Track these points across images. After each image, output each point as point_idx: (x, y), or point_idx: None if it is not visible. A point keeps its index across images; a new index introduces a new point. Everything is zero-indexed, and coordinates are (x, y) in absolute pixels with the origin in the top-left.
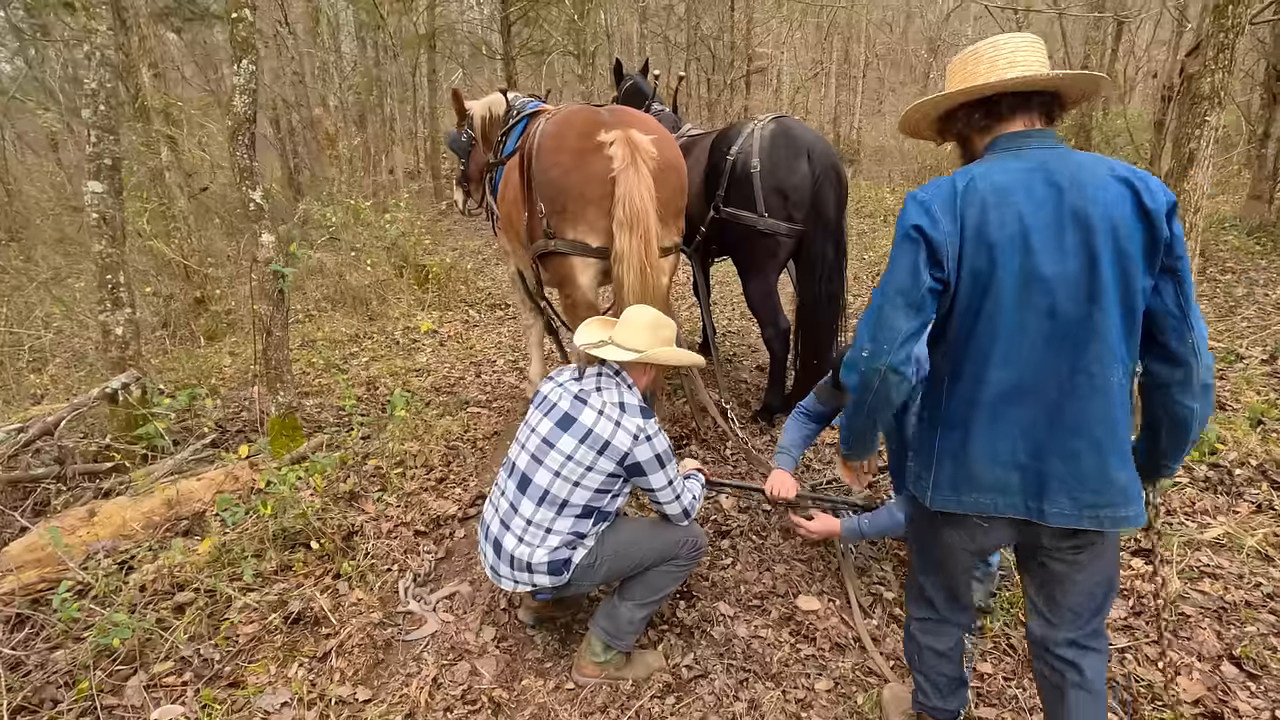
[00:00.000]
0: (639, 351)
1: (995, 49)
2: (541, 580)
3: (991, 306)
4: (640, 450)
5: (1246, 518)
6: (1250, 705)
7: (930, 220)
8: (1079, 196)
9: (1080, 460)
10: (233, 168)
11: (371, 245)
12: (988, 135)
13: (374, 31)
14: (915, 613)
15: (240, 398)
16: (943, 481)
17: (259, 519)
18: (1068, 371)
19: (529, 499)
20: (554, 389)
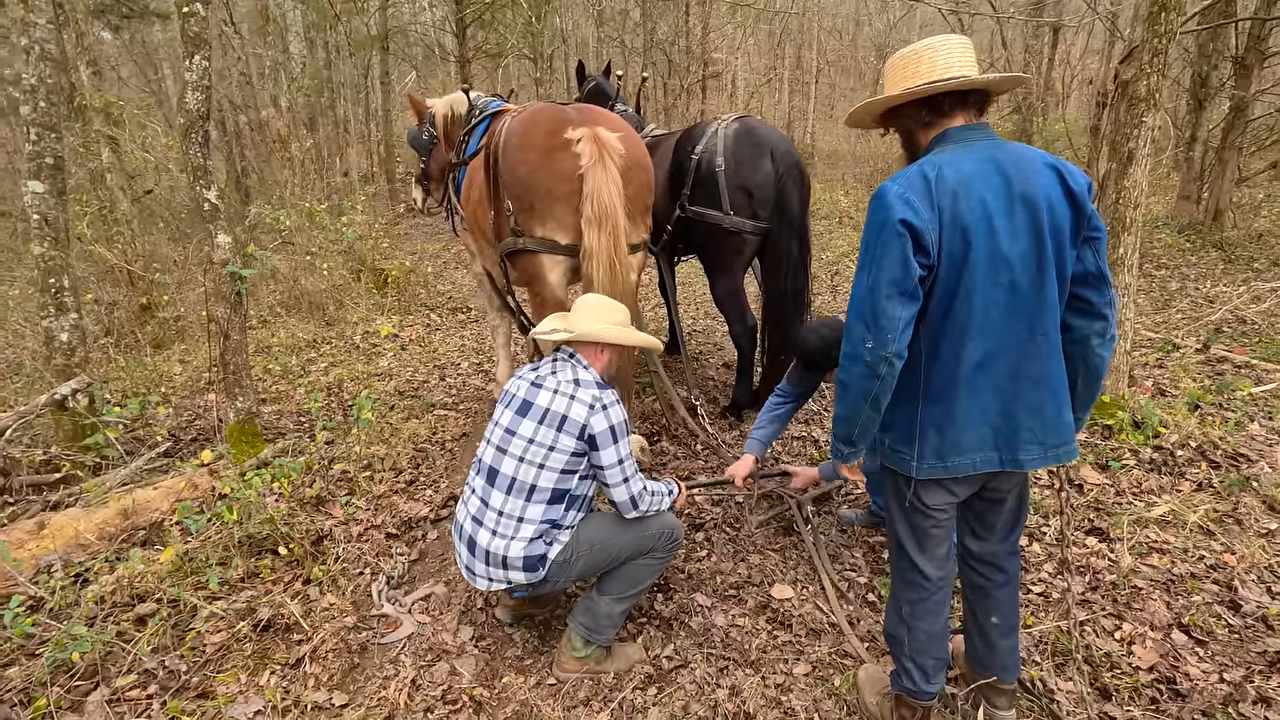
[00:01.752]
0: (573, 332)
1: (934, 51)
2: (516, 577)
3: (968, 285)
4: (596, 420)
5: (1189, 496)
6: (1199, 669)
7: (913, 211)
8: (1024, 182)
9: (1043, 411)
10: (185, 166)
11: (327, 249)
12: (931, 130)
13: (323, 32)
14: (907, 595)
15: (193, 405)
16: (928, 452)
17: (223, 526)
18: (1027, 335)
19: (498, 490)
20: (515, 382)
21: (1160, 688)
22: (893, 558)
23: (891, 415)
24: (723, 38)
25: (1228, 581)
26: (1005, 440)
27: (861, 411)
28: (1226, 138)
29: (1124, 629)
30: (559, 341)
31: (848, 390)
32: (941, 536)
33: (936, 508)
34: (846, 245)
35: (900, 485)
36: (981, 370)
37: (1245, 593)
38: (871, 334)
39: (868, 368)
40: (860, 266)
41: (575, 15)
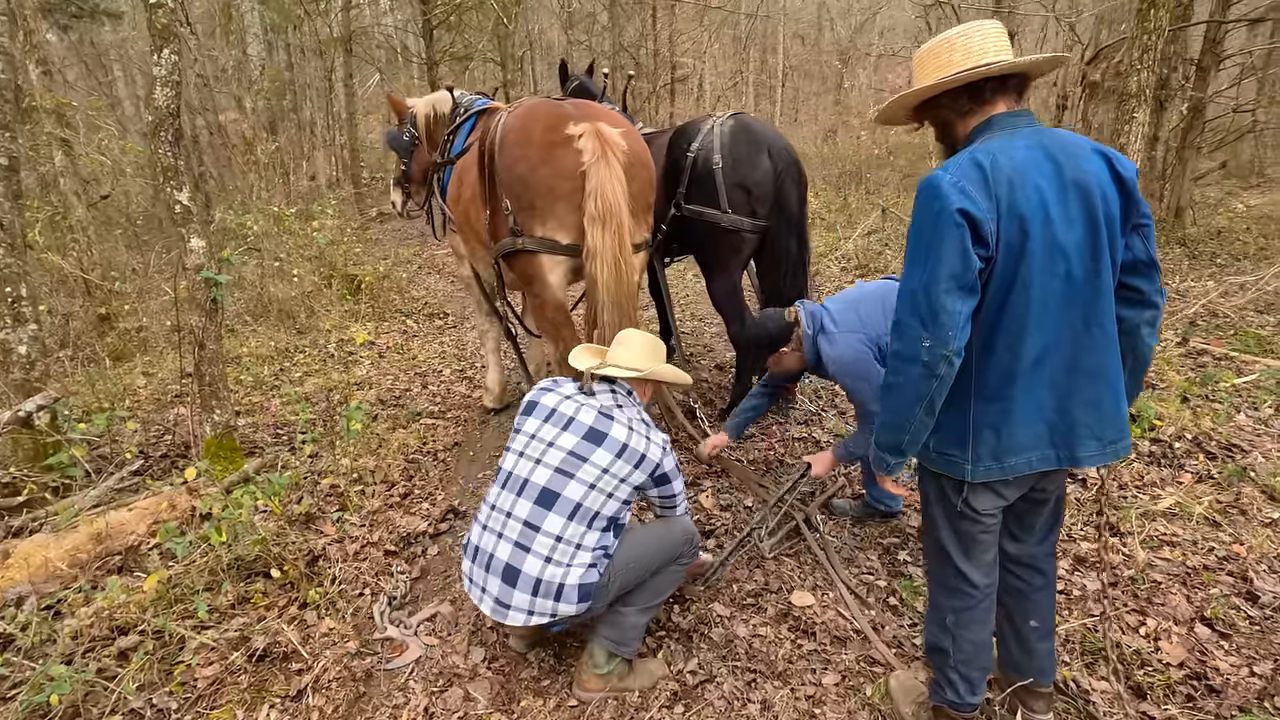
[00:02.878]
0: (640, 371)
1: (967, 38)
2: (567, 609)
3: (1025, 276)
4: (666, 461)
5: (1191, 487)
6: (1228, 664)
7: (970, 201)
8: (1075, 169)
9: (1102, 405)
10: (154, 167)
11: (297, 255)
12: (972, 118)
13: (284, 33)
14: (951, 604)
15: (162, 420)
16: (984, 454)
17: (207, 549)
18: (1083, 327)
19: (557, 514)
20: (563, 401)
21: (1194, 684)
22: (933, 566)
23: (940, 416)
24: (689, 41)
25: (1242, 573)
26: (1062, 437)
27: (915, 416)
28: (1186, 138)
29: (1149, 624)
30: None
31: (899, 394)
32: (989, 542)
33: (986, 512)
34: (823, 246)
35: (947, 490)
36: (1039, 365)
37: (1261, 583)
38: (929, 331)
39: (926, 368)
40: (910, 261)
41: (542, 19)
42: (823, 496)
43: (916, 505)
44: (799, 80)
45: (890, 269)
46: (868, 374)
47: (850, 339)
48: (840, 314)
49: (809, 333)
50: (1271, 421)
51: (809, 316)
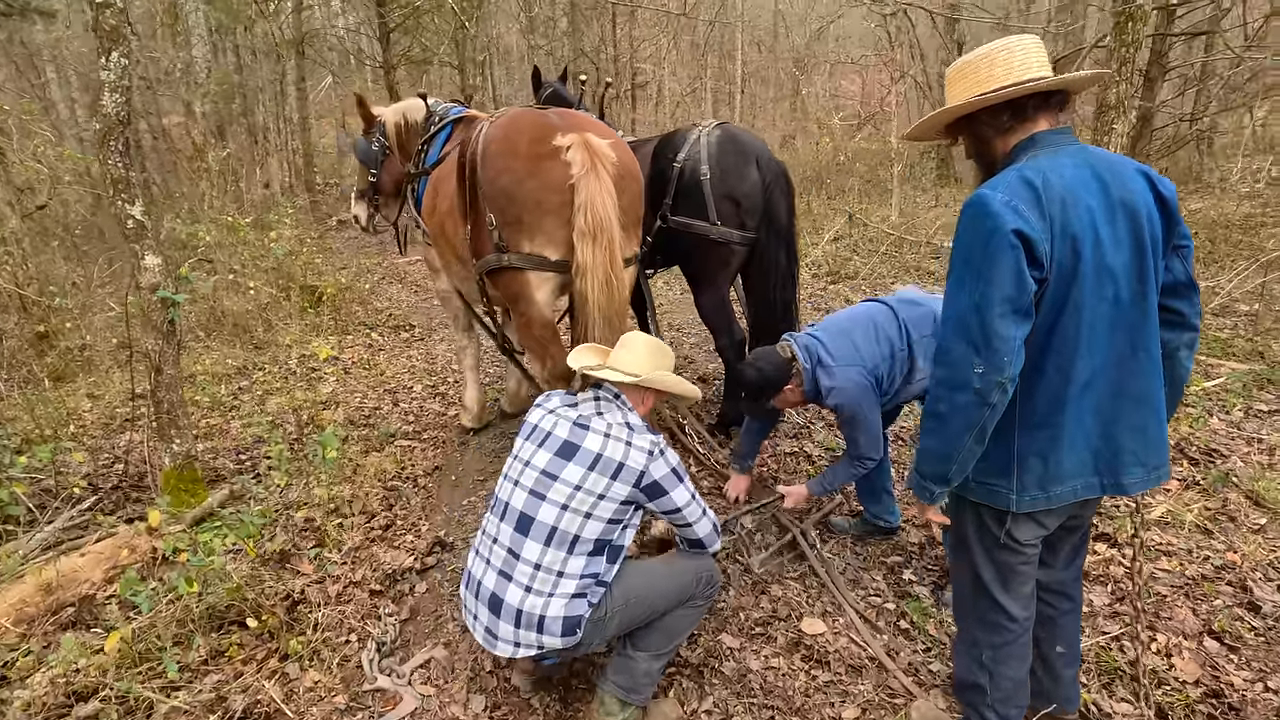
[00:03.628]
0: (637, 376)
1: (1008, 53)
2: (552, 641)
3: (1076, 299)
4: (656, 466)
5: (1179, 494)
6: (1241, 679)
7: (1024, 221)
8: (1122, 189)
9: (1147, 431)
10: (104, 178)
11: (253, 266)
12: (1012, 135)
13: (231, 35)
14: (989, 639)
15: (111, 447)
16: (1030, 483)
17: (174, 598)
18: (1129, 351)
19: (534, 540)
20: (545, 416)
21: (1213, 702)
22: (967, 600)
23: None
24: (652, 48)
25: (1240, 582)
26: (1106, 464)
27: (964, 446)
28: (1135, 145)
29: (1160, 640)
30: (617, 383)
31: (946, 423)
32: (1029, 574)
33: (1029, 543)
34: None
35: (987, 521)
36: (1087, 390)
37: (1260, 593)
38: (982, 358)
39: (978, 395)
40: (957, 283)
41: (500, 24)
42: (818, 514)
43: (915, 521)
44: (756, 87)
45: (859, 275)
46: (866, 408)
47: (850, 372)
48: (835, 345)
49: (807, 367)
50: (1243, 425)
51: (803, 351)
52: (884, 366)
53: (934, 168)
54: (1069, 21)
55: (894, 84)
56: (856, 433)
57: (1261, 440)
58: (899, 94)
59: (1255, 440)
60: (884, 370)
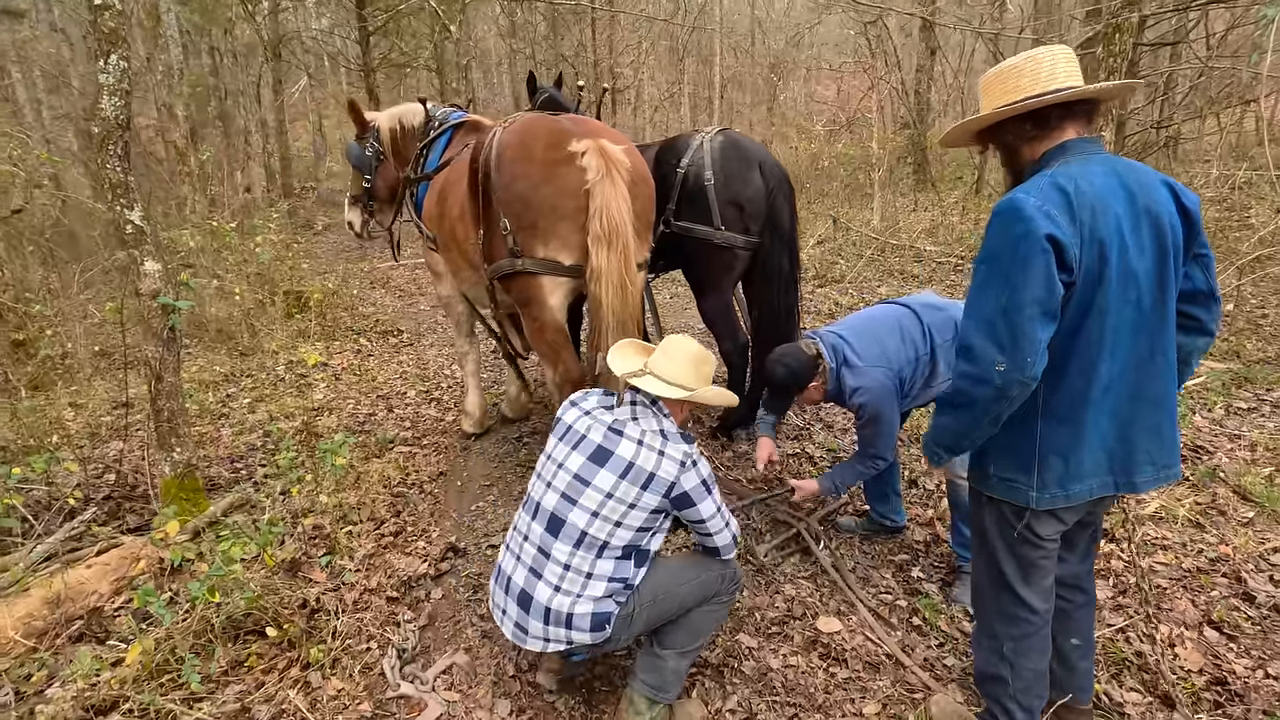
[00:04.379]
0: (688, 390)
1: (1036, 63)
2: (581, 637)
3: (1102, 303)
4: (687, 478)
5: (1170, 490)
6: (1242, 666)
7: (1056, 225)
8: (1148, 198)
9: (1161, 431)
10: (101, 183)
11: (237, 272)
12: (1038, 144)
13: (206, 36)
14: (1009, 632)
15: (100, 457)
16: (1050, 480)
17: (190, 608)
18: (1148, 355)
19: (563, 542)
20: (580, 418)
21: (1217, 690)
22: (988, 593)
23: (1004, 441)
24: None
25: (1235, 574)
26: (1120, 464)
27: (980, 429)
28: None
29: (1163, 631)
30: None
31: (967, 411)
32: (1049, 567)
33: (1049, 538)
34: None
35: (1007, 515)
36: (1107, 392)
37: (1254, 584)
38: (1006, 356)
39: (998, 391)
40: (985, 283)
41: (479, 27)
42: (822, 511)
43: (920, 520)
44: (733, 92)
45: (845, 279)
46: (889, 411)
47: (876, 373)
48: (862, 346)
49: (832, 366)
50: (1225, 422)
51: (830, 350)
52: (909, 370)
53: (911, 173)
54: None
55: (871, 90)
56: (874, 434)
57: (1242, 436)
58: (878, 100)
59: (1237, 437)
60: (908, 374)
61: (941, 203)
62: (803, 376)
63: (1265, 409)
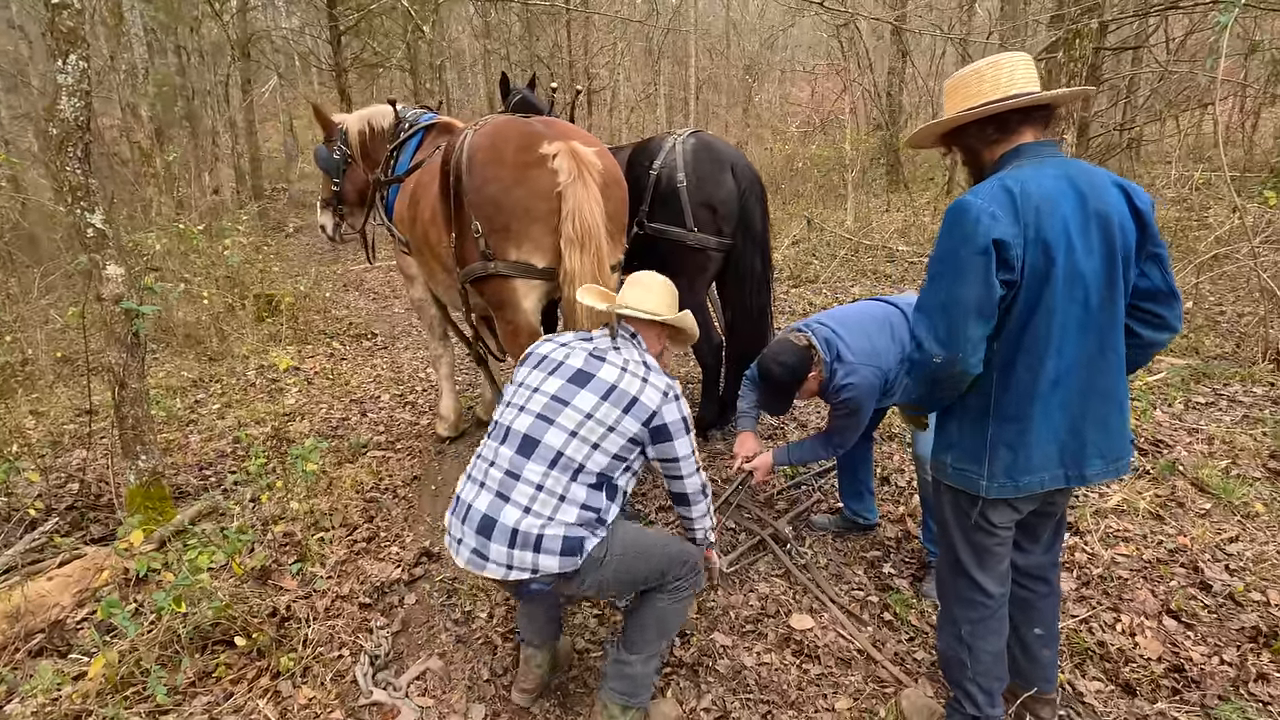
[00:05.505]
0: (660, 315)
1: (996, 69)
2: (548, 563)
3: (1049, 302)
4: (669, 410)
5: (1131, 483)
6: (1199, 653)
7: (999, 227)
8: (1098, 200)
9: (1109, 425)
10: (61, 185)
11: (205, 275)
12: (998, 147)
13: (172, 35)
14: (967, 615)
15: (63, 466)
16: (999, 471)
17: (155, 619)
18: (1097, 351)
19: (536, 462)
20: (557, 349)
21: (1175, 676)
22: (947, 578)
23: (958, 433)
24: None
25: (1192, 564)
26: (1072, 457)
27: (936, 400)
28: (1074, 154)
29: (1124, 621)
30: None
31: (921, 384)
32: (1003, 554)
33: (1002, 526)
34: None
35: (962, 504)
36: (1056, 387)
37: (1210, 573)
38: (943, 350)
39: (934, 379)
40: (932, 278)
41: (454, 28)
42: (793, 511)
43: (891, 517)
44: (709, 93)
45: (819, 279)
46: (868, 407)
47: (867, 371)
48: (854, 342)
49: (827, 359)
50: (1184, 416)
51: (823, 343)
52: (894, 370)
53: (884, 173)
54: (1010, 33)
55: (844, 92)
56: (847, 424)
57: (1200, 430)
58: (851, 102)
59: (1195, 431)
60: (894, 375)
61: (914, 203)
62: (800, 371)
63: (1222, 404)
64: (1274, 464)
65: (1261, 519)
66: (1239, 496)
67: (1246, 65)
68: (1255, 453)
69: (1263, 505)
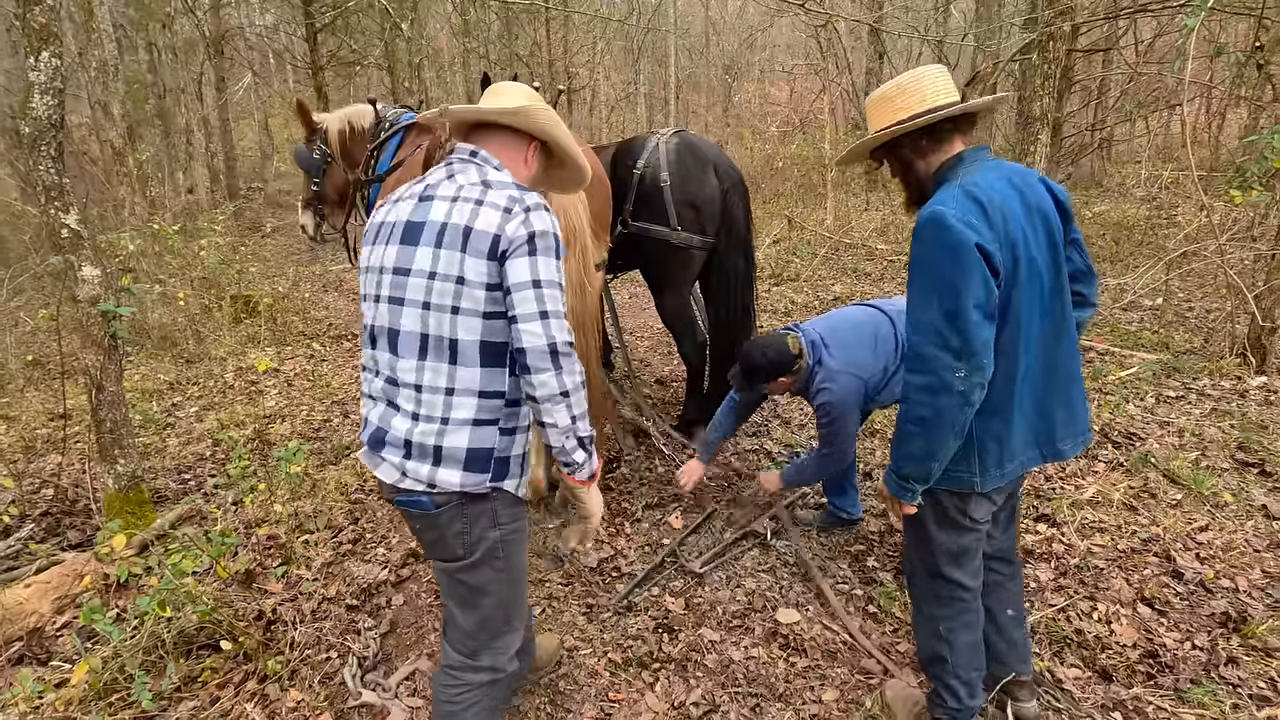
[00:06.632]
0: (512, 109)
1: (919, 82)
2: (449, 477)
3: (1017, 299)
4: (513, 226)
5: (1106, 475)
6: (1172, 639)
7: (980, 235)
8: (1034, 196)
9: (1072, 401)
10: (34, 185)
11: (181, 276)
12: (934, 157)
13: (144, 31)
14: (944, 613)
15: (37, 471)
16: (990, 464)
17: (139, 624)
18: (1054, 337)
19: (406, 356)
20: (385, 211)
21: (1150, 662)
22: (920, 578)
23: None
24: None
25: (1165, 553)
26: (1044, 436)
27: (948, 445)
28: (1049, 153)
29: (1100, 609)
30: (484, 126)
31: (933, 426)
32: (979, 548)
33: (983, 520)
34: None
35: (945, 504)
36: (1026, 377)
37: (1182, 561)
38: (964, 361)
39: (961, 397)
40: (923, 294)
41: (431, 25)
42: (774, 508)
43: (874, 511)
44: (689, 92)
45: (800, 277)
46: (849, 414)
47: (849, 380)
48: (838, 349)
49: (810, 364)
50: (1156, 410)
51: (810, 346)
52: (876, 379)
53: (864, 173)
54: (985, 35)
55: (823, 92)
56: (832, 433)
57: (1171, 423)
58: (830, 102)
59: (1166, 424)
60: (875, 383)
61: (892, 202)
62: (779, 367)
63: (1192, 397)
64: (1241, 455)
65: (1230, 508)
66: (1209, 487)
67: (1212, 67)
68: (1224, 445)
69: (1231, 495)
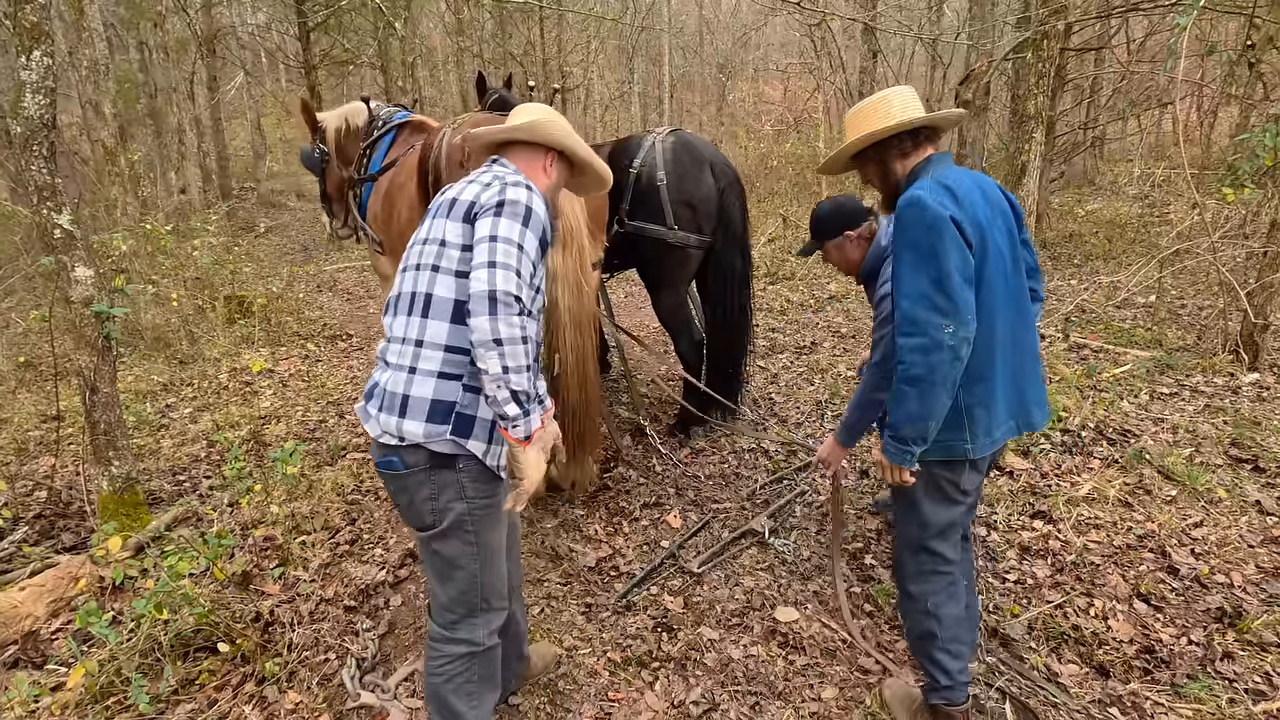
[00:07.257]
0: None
1: (900, 96)
2: (412, 428)
3: (988, 274)
4: (487, 195)
5: (1101, 472)
6: (1168, 634)
7: (953, 211)
8: (993, 195)
9: (1036, 376)
10: (26, 185)
11: (174, 276)
12: (910, 159)
13: (135, 30)
14: (929, 588)
15: (29, 473)
16: (979, 431)
17: (135, 627)
18: (1017, 315)
19: (398, 314)
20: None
21: (1146, 658)
22: (908, 555)
23: None
24: (583, 52)
25: (1160, 549)
26: (1018, 407)
27: (941, 402)
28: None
29: (1097, 605)
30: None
31: (929, 384)
32: (964, 520)
33: (971, 490)
34: None
35: (938, 477)
36: (1001, 346)
37: (1177, 557)
38: (951, 319)
39: (951, 351)
40: (909, 266)
41: (425, 24)
42: (772, 506)
43: (871, 509)
44: (683, 91)
45: (796, 275)
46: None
47: None
48: None
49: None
50: (1149, 406)
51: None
52: None
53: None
54: (979, 34)
55: (816, 91)
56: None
57: (1165, 420)
58: (824, 101)
59: (1160, 421)
60: None
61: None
62: (849, 217)
63: (1185, 394)
64: (1235, 451)
65: (1224, 504)
66: (1203, 483)
67: (1204, 66)
68: (1217, 441)
69: (1225, 491)
